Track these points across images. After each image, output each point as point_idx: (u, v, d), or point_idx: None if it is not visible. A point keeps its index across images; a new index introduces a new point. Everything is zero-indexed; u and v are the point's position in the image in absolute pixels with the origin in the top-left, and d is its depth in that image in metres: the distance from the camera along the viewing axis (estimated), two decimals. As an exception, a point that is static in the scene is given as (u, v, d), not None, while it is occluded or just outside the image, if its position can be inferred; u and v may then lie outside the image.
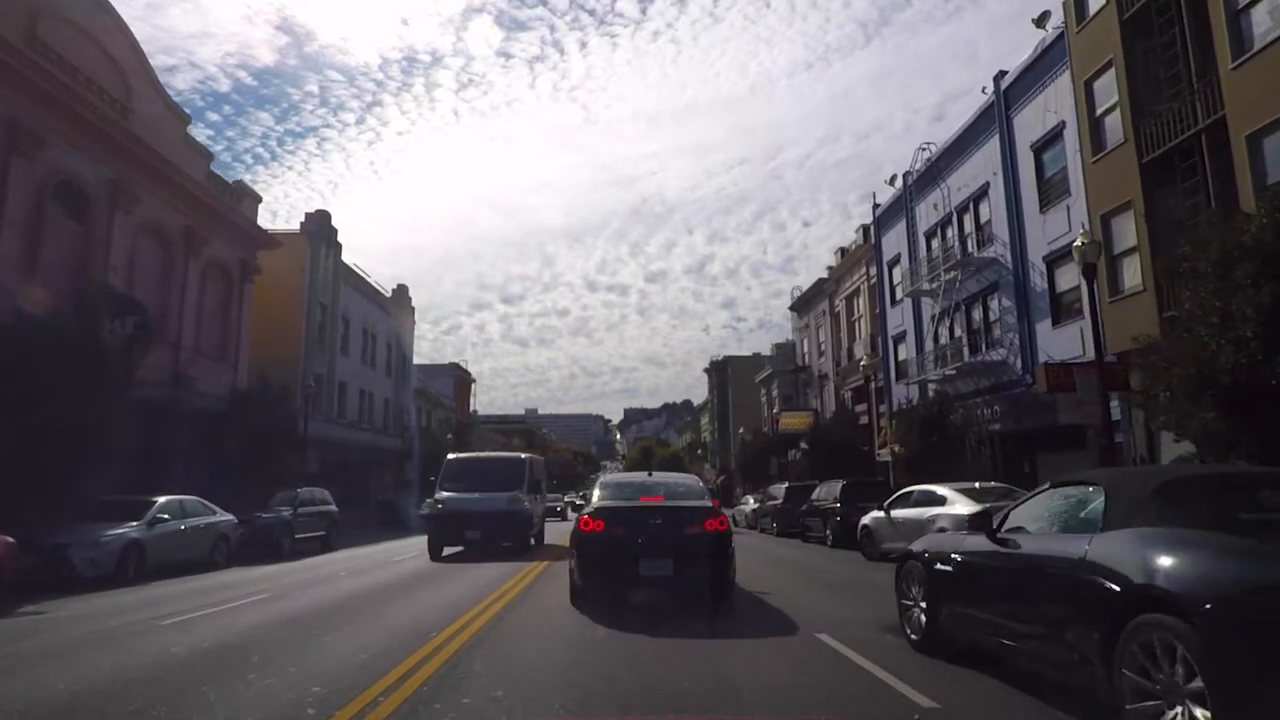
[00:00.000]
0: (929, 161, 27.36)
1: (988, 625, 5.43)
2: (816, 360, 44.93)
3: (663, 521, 8.57)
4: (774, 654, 6.47)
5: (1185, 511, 4.22)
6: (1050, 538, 5.05)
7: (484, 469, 18.78)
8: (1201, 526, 4.03)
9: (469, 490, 17.23)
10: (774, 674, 5.79)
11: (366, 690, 5.20)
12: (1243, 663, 3.32)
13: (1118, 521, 4.36)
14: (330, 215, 37.38)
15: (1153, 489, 4.49)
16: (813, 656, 6.32)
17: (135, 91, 22.78)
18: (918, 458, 21.48)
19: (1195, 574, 3.66)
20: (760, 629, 7.53)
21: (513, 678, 5.62)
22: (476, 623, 8.00)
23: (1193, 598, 3.52)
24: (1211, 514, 4.20)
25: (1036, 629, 4.79)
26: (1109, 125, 17.09)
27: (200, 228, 25.49)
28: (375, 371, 44.40)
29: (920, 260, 28.08)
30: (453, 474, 18.33)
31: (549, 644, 6.95)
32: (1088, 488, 5.00)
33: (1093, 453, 18.65)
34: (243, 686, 5.44)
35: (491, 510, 16.64)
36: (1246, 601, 3.39)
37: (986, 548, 5.56)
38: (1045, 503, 5.44)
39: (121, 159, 21.59)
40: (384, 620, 8.37)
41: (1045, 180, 20.72)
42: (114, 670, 6.09)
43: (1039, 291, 21.05)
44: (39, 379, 14.06)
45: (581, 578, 8.68)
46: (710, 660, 6.14)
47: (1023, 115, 21.64)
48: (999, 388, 22.81)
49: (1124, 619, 3.88)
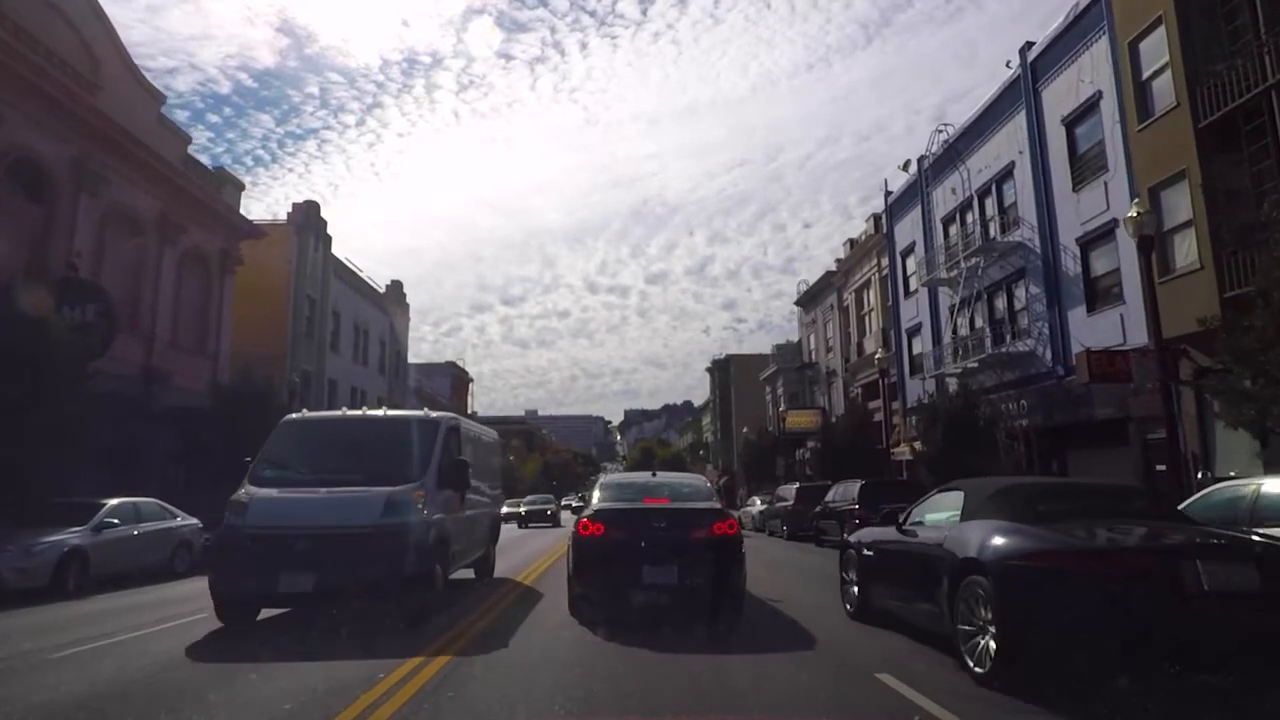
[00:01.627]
0: (947, 143, 25.86)
1: (891, 593, 7.31)
2: (824, 357, 43.45)
3: (667, 525, 7.99)
4: (793, 669, 5.93)
5: (1004, 509, 5.93)
6: (931, 528, 6.72)
7: (344, 441, 9.58)
8: (1012, 519, 5.68)
9: (302, 485, 8.48)
10: (790, 689, 5.44)
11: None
12: (1014, 604, 5.04)
13: (967, 516, 6.20)
14: (319, 206, 35.88)
15: (989, 494, 6.33)
16: (839, 674, 5.87)
17: (104, 67, 21.35)
18: (941, 456, 19.98)
19: (994, 548, 5.39)
20: (775, 642, 6.97)
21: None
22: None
23: (990, 564, 5.31)
24: (1020, 511, 5.83)
25: (916, 592, 6.56)
26: (1157, 89, 15.61)
27: (176, 214, 24.03)
28: (367, 369, 42.90)
29: (937, 248, 26.59)
30: (281, 452, 9.24)
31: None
32: (959, 492, 6.74)
33: (1134, 449, 17.20)
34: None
35: (339, 529, 7.80)
36: (1019, 564, 5.11)
37: (895, 536, 7.27)
38: (936, 501, 7.19)
39: (87, 137, 20.14)
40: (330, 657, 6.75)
41: (1078, 156, 19.25)
42: None
43: (1071, 276, 19.57)
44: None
45: (580, 585, 8.17)
46: (720, 677, 5.73)
47: (1052, 88, 20.17)
48: (1026, 381, 21.33)
49: (958, 580, 5.60)
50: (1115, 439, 17.71)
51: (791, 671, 5.83)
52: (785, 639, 7.17)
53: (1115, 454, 17.75)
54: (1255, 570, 4.75)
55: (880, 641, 6.95)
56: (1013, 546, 5.27)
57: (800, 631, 7.56)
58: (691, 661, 6.10)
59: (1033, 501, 6.06)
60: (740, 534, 8.45)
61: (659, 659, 6.22)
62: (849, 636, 7.32)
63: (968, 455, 19.64)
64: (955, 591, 5.61)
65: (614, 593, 8.09)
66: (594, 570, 7.99)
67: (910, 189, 29.49)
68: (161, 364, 23.01)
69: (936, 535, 6.38)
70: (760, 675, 5.74)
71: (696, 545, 7.78)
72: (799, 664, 6.08)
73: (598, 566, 7.96)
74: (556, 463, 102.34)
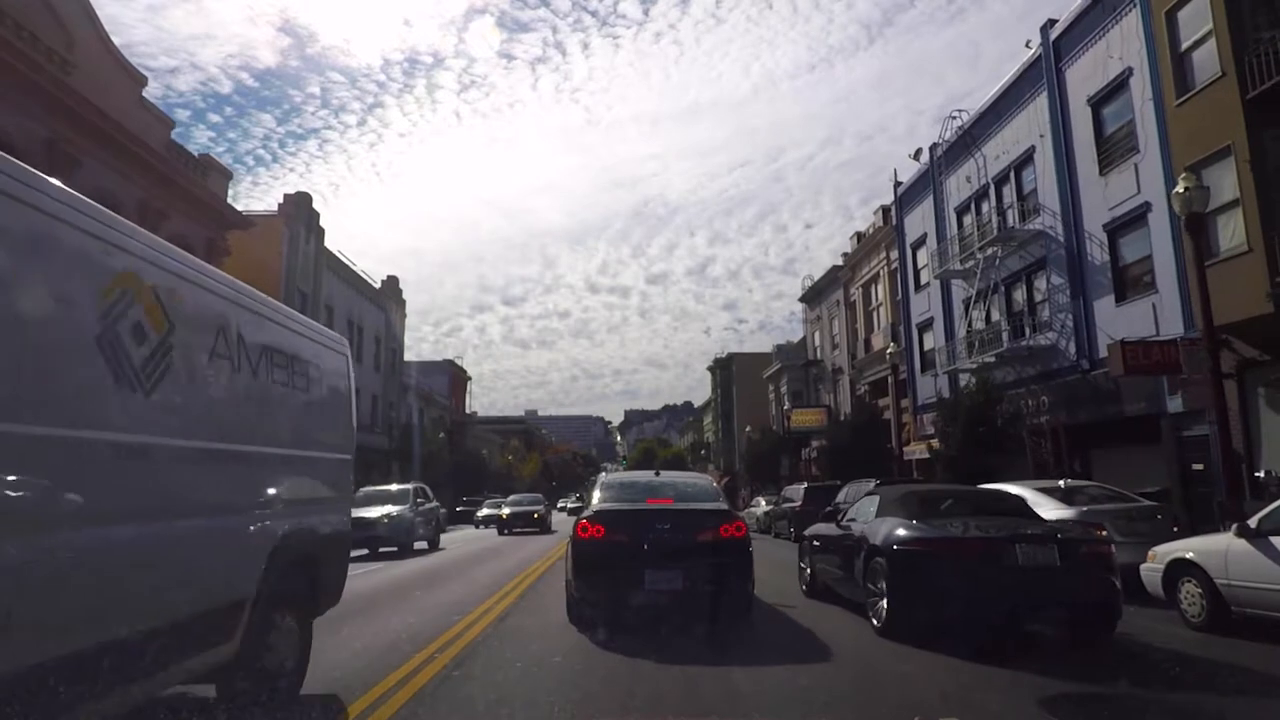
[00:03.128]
0: (961, 130, 24.86)
1: (829, 574, 9.16)
2: (830, 354, 42.43)
3: (672, 526, 7.60)
4: (807, 680, 5.74)
5: (902, 510, 7.87)
6: (857, 523, 8.52)
7: None
8: (906, 516, 7.67)
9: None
10: (801, 696, 5.34)
11: None
12: (901, 577, 7.03)
13: (879, 514, 8.19)
14: (311, 198, 34.88)
15: (894, 497, 8.39)
16: (855, 681, 5.81)
17: (78, 44, 20.33)
18: (961, 454, 18.97)
19: (889, 537, 7.40)
20: (786, 652, 6.75)
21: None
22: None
23: (885, 548, 7.34)
24: (913, 511, 7.77)
25: (844, 572, 8.48)
26: (1198, 60, 14.59)
27: (157, 200, 23.00)
28: (362, 366, 41.85)
29: (951, 239, 25.58)
30: None
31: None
32: (876, 496, 8.90)
33: (1168, 446, 16.19)
34: None
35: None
36: (905, 547, 7.12)
37: (835, 530, 9.09)
38: (865, 503, 8.97)
39: (59, 117, 19.10)
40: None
41: (1105, 138, 18.23)
42: None
43: (1097, 265, 18.56)
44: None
45: (579, 590, 7.64)
46: (728, 688, 5.52)
47: (1077, 67, 19.15)
48: (1047, 376, 20.32)
49: (868, 560, 7.65)
50: (1145, 436, 16.69)
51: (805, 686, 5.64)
52: (800, 652, 6.82)
53: (1145, 452, 16.73)
54: (1056, 551, 6.80)
55: (911, 662, 6.32)
56: (902, 536, 7.27)
57: (817, 645, 7.11)
58: (698, 673, 5.85)
59: (923, 504, 8.01)
60: (749, 537, 8.08)
61: (663, 670, 5.95)
62: (868, 648, 6.86)
63: (988, 454, 18.65)
64: (866, 568, 7.63)
65: (615, 598, 7.55)
66: (593, 575, 7.52)
67: (921, 179, 28.49)
68: (141, 357, 21.95)
69: (859, 528, 8.29)
70: (776, 686, 5.65)
71: (703, 549, 7.42)
72: (816, 678, 5.81)
73: (597, 571, 7.50)
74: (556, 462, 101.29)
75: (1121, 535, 10.03)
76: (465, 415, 68.47)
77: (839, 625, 7.90)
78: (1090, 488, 11.42)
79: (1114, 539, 10.04)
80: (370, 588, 11.42)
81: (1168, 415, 16.05)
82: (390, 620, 8.39)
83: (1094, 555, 6.92)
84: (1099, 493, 11.16)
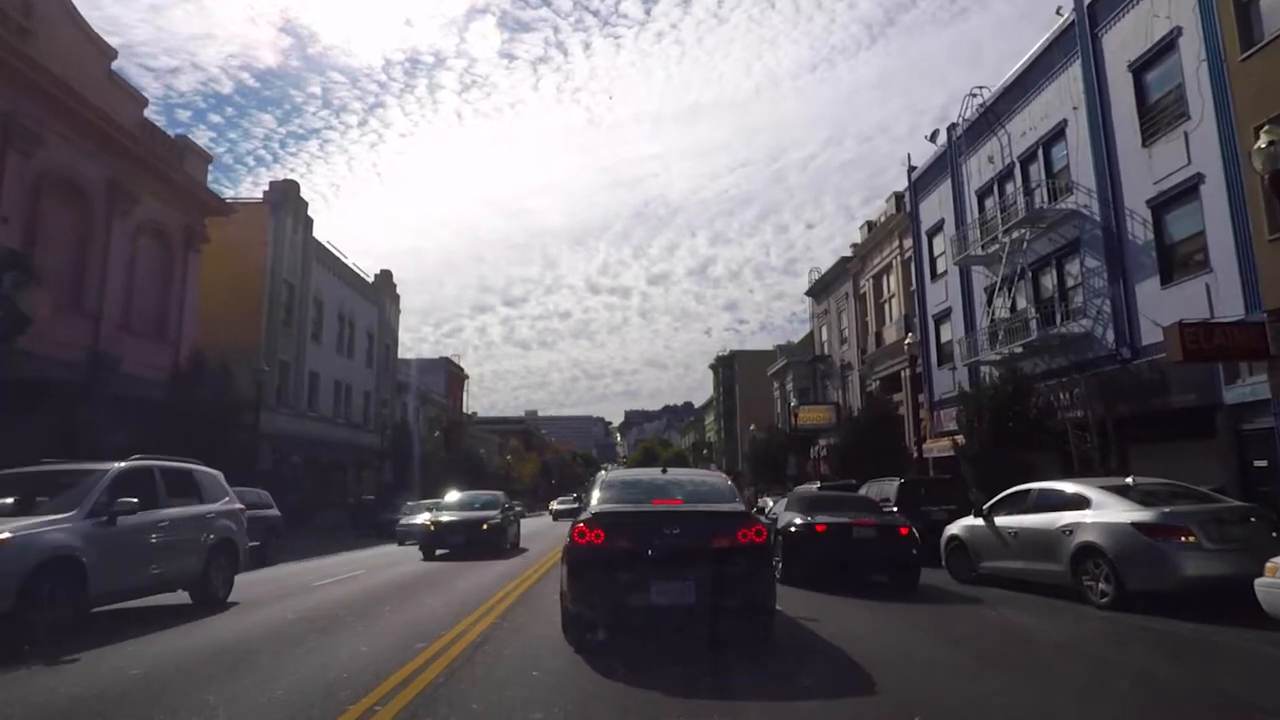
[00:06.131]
0: (983, 108, 23.39)
1: (779, 551, 11.80)
2: (838, 349, 40.95)
3: (682, 531, 6.64)
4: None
5: (795, 506, 13.10)
6: (770, 515, 15.06)
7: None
8: (800, 510, 12.47)
9: None
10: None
11: None
12: (787, 550, 11.73)
13: (788, 508, 13.33)
14: (298, 186, 33.42)
15: (795, 498, 14.22)
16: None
17: (39, 11, 18.90)
18: (990, 451, 17.52)
19: (785, 522, 12.16)
20: (820, 685, 5.71)
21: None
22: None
23: (781, 529, 12.00)
24: (800, 507, 12.74)
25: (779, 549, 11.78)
26: (1265, 9, 13.15)
27: (128, 182, 21.59)
28: (353, 362, 40.47)
29: (971, 224, 24.11)
30: None
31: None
32: (795, 494, 15.34)
33: (1224, 441, 14.73)
34: None
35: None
36: (790, 529, 11.87)
37: (767, 521, 12.05)
38: (778, 504, 15.96)
39: (17, 88, 17.72)
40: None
41: (1149, 106, 16.77)
42: None
43: (1139, 245, 17.09)
44: None
45: (575, 604, 6.74)
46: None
47: (1115, 31, 17.69)
48: (1081, 366, 18.82)
49: (775, 536, 11.47)
50: (1198, 431, 15.22)
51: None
52: (831, 676, 6.04)
53: (1196, 448, 15.25)
54: (876, 529, 11.41)
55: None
56: (789, 522, 12.04)
57: (843, 660, 6.46)
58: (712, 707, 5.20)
59: (807, 502, 13.02)
60: (770, 543, 7.36)
61: (671, 701, 5.20)
62: (912, 674, 5.93)
63: (1020, 451, 17.20)
64: (777, 543, 11.48)
65: (616, 614, 6.65)
66: (591, 586, 6.60)
67: (938, 162, 27.02)
68: (111, 347, 20.56)
69: (775, 517, 13.25)
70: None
71: (717, 556, 6.48)
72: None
73: (597, 582, 6.56)
74: (555, 463, 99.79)
75: (1211, 542, 8.58)
76: (463, 415, 66.97)
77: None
78: (1160, 486, 9.94)
79: (1203, 545, 8.68)
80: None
81: (1224, 407, 14.60)
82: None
83: (900, 534, 11.37)
84: (1172, 490, 9.70)
